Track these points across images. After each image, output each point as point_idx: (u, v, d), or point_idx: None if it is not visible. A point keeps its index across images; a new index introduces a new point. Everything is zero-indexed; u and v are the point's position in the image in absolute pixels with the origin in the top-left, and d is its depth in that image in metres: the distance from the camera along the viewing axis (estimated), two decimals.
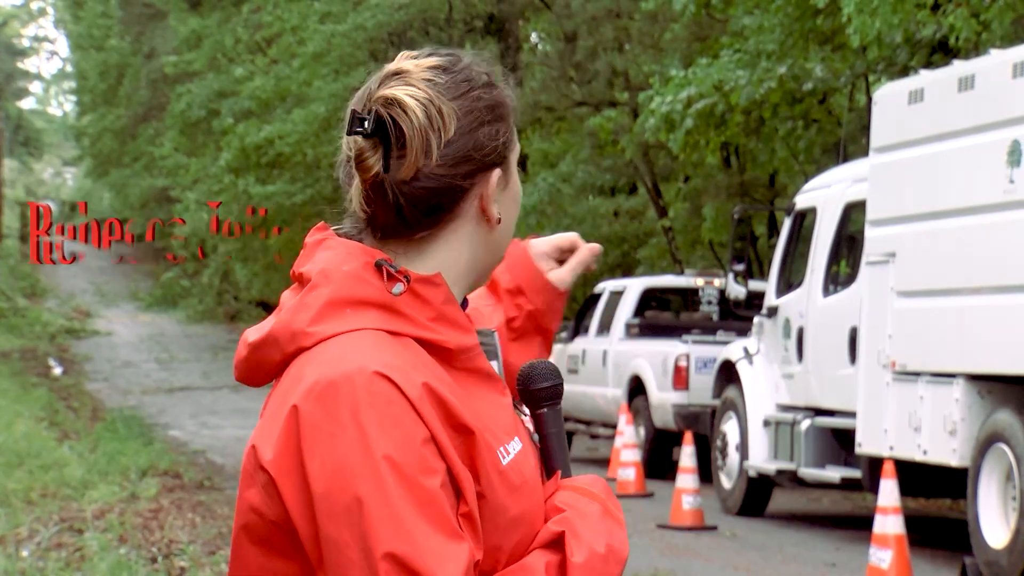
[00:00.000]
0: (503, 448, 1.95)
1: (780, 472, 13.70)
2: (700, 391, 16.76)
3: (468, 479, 1.89)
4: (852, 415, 12.61)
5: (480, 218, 2.00)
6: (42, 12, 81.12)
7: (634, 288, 19.15)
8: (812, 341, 13.59)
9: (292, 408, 1.87)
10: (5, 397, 21.61)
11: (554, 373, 2.06)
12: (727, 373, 14.94)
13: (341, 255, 1.96)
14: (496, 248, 2.04)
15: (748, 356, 14.47)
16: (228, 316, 43.98)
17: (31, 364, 30.18)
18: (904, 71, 16.50)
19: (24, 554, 10.00)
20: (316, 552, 1.86)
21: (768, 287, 14.67)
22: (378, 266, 1.94)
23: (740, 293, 15.01)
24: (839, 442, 13.31)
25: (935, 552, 12.34)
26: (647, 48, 25.86)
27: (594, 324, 19.30)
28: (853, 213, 13.37)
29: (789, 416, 13.74)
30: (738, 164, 24.12)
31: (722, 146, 20.80)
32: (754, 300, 15.25)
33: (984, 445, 10.93)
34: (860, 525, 13.66)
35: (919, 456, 11.59)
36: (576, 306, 26.06)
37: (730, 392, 14.71)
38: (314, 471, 1.85)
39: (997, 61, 11.10)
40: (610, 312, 19.06)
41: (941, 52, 16.91)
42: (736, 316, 16.76)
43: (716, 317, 18.67)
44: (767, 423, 14.05)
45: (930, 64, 15.90)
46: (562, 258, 2.33)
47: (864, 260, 12.58)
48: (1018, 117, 10.68)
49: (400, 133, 1.94)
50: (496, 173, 1.99)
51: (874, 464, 12.07)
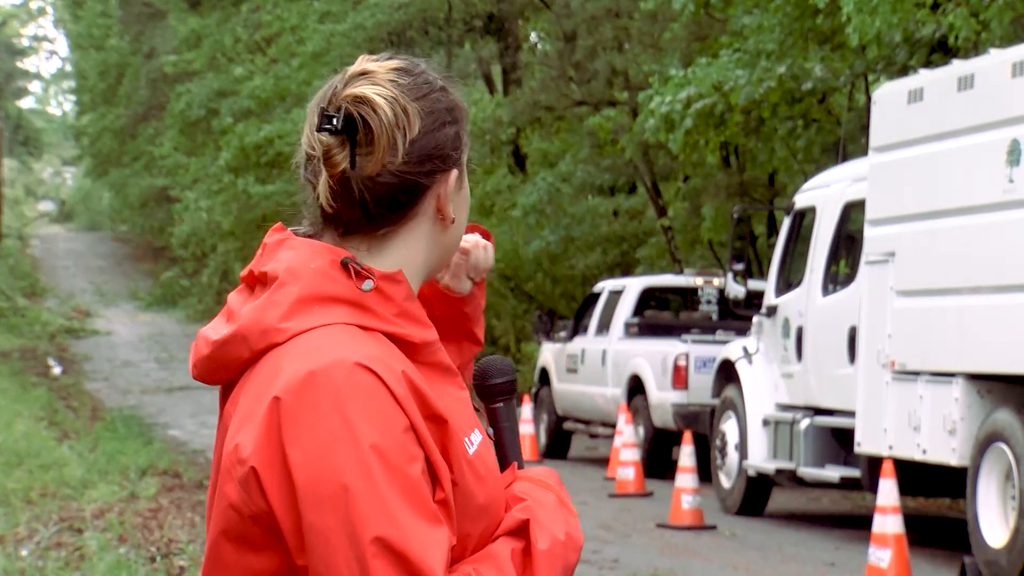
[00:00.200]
0: (468, 438, 2.00)
1: (779, 471, 13.71)
2: (699, 390, 16.75)
3: (444, 467, 1.93)
4: (851, 414, 12.61)
5: (436, 217, 2.06)
6: (41, 12, 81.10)
7: (633, 287, 19.13)
8: (811, 340, 13.59)
9: (273, 400, 1.89)
10: (5, 396, 21.59)
11: (509, 369, 2.13)
12: (726, 372, 14.94)
13: (306, 254, 1.99)
14: (447, 248, 2.09)
15: (747, 355, 14.47)
16: None
17: (31, 364, 30.16)
18: (903, 70, 16.48)
19: (23, 553, 9.99)
20: (297, 542, 1.88)
21: (767, 286, 14.68)
22: (344, 264, 1.98)
23: (739, 292, 15.02)
24: (838, 441, 13.31)
25: (934, 551, 12.34)
26: (646, 48, 25.83)
27: (593, 323, 19.27)
28: (852, 212, 13.36)
29: (788, 415, 13.74)
30: (737, 163, 24.09)
31: (721, 146, 20.76)
32: (753, 299, 15.25)
33: (983, 444, 10.93)
34: (859, 524, 13.65)
35: (918, 455, 11.59)
36: (575, 305, 26.07)
37: (729, 391, 14.70)
38: (296, 460, 1.86)
39: (996, 60, 11.10)
40: (609, 311, 19.05)
41: (940, 51, 16.90)
42: (735, 315, 16.76)
43: (715, 316, 18.66)
44: (766, 422, 14.06)
45: (929, 63, 15.89)
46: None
47: (863, 259, 12.56)
48: (1017, 116, 10.70)
49: (368, 130, 1.99)
50: (454, 173, 2.05)
51: (873, 463, 12.06)
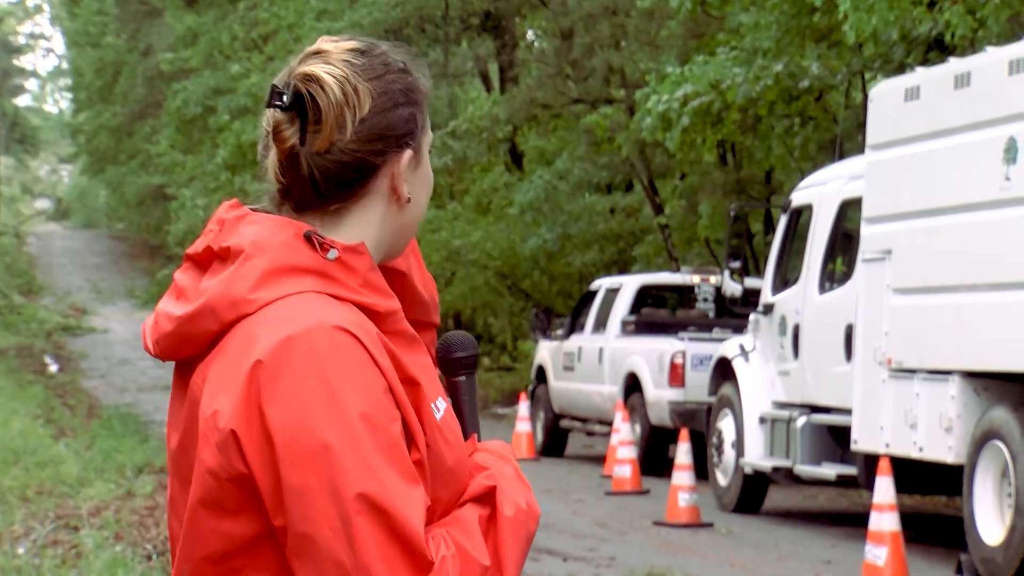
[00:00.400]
0: (435, 404, 2.02)
1: (776, 469, 13.71)
2: (696, 388, 16.76)
3: (419, 429, 1.96)
4: (848, 412, 12.60)
5: (391, 197, 2.07)
6: (38, 9, 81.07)
7: (630, 285, 19.13)
8: (808, 338, 13.59)
9: (254, 364, 1.91)
10: (1, 394, 21.57)
11: (472, 344, 2.15)
12: (723, 370, 14.93)
13: (270, 227, 2.01)
14: (404, 228, 2.10)
15: (744, 353, 14.47)
16: None
17: (27, 361, 30.14)
18: (900, 68, 16.45)
19: (20, 551, 9.98)
20: (276, 503, 1.90)
21: (764, 284, 14.68)
22: (307, 237, 1.99)
23: (736, 290, 15.01)
24: (835, 439, 13.31)
25: (931, 549, 12.33)
26: (643, 45, 25.81)
27: (590, 321, 19.27)
28: (849, 210, 13.35)
29: (785, 413, 13.75)
30: (734, 161, 24.09)
31: (718, 143, 20.74)
32: (750, 297, 15.25)
33: (980, 442, 10.92)
34: (856, 522, 13.64)
35: (915, 453, 11.57)
36: (572, 303, 26.05)
37: (726, 389, 14.70)
38: (276, 420, 1.88)
39: (993, 58, 11.09)
40: (606, 309, 19.04)
41: (937, 49, 16.89)
42: (732, 313, 16.77)
43: (712, 314, 18.68)
44: (763, 420, 14.06)
45: (926, 61, 15.91)
46: None
47: (860, 257, 12.55)
48: (1014, 114, 10.68)
49: (316, 107, 2.01)
50: (407, 154, 2.06)
51: (870, 461, 12.05)
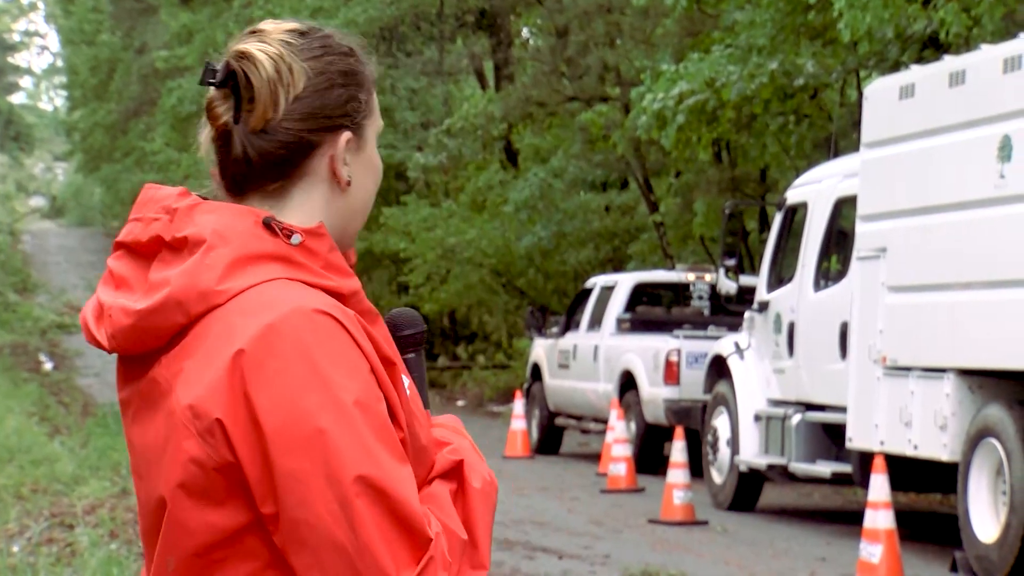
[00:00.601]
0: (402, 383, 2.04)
1: (771, 467, 13.71)
2: (691, 386, 16.73)
3: (399, 408, 1.96)
4: (843, 410, 12.60)
5: (331, 180, 2.04)
6: (33, 7, 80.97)
7: (625, 283, 19.10)
8: (803, 336, 13.58)
9: (236, 353, 1.89)
10: None
11: (419, 321, 2.15)
12: (718, 368, 14.92)
13: (228, 216, 1.98)
14: (350, 214, 2.07)
15: (739, 351, 14.46)
16: None
17: (22, 359, 30.11)
18: (895, 66, 16.43)
19: (15, 549, 9.97)
20: (264, 490, 1.88)
21: (759, 282, 14.67)
22: (266, 223, 1.97)
23: (731, 288, 15.00)
24: (830, 437, 13.31)
25: (925, 546, 12.32)
26: (638, 43, 25.79)
27: (585, 319, 19.24)
28: (844, 208, 13.35)
29: (780, 411, 13.74)
30: (729, 159, 24.06)
31: (713, 142, 20.74)
32: (745, 295, 15.18)
33: (974, 440, 10.92)
34: (851, 520, 13.62)
35: (910, 451, 11.58)
36: (567, 301, 26.04)
37: (721, 387, 14.69)
38: (265, 407, 1.87)
39: (988, 56, 11.09)
40: (601, 307, 19.02)
41: (932, 47, 16.84)
42: (727, 311, 16.73)
43: (707, 312, 18.66)
44: (758, 418, 14.05)
45: (921, 59, 15.86)
46: None
47: (855, 255, 12.56)
48: (1009, 112, 10.68)
49: (249, 85, 2.00)
50: (345, 135, 2.04)
51: (865, 459, 12.04)
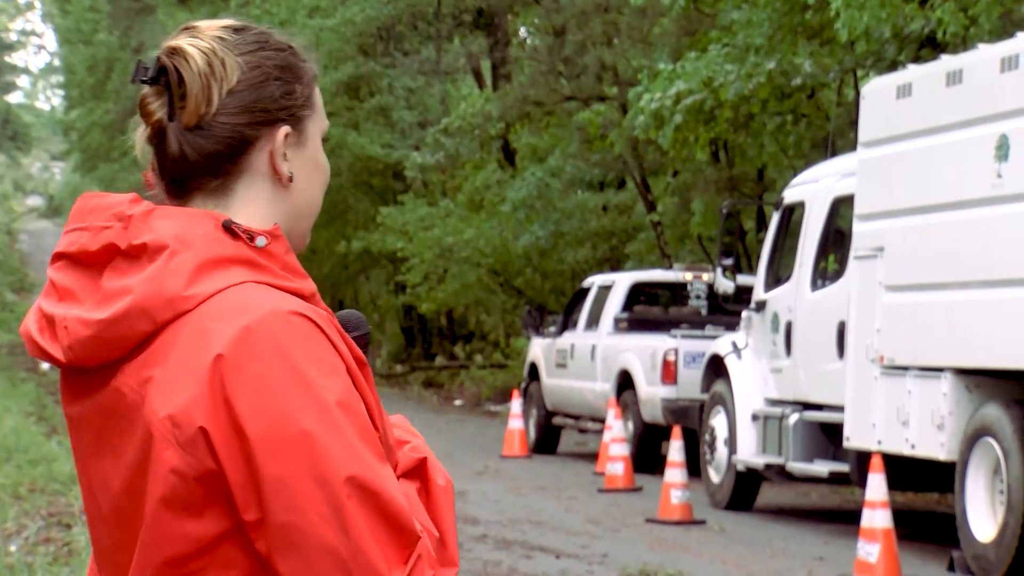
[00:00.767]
0: None
1: (768, 466, 13.69)
2: (689, 385, 16.69)
3: (373, 407, 1.95)
4: (840, 409, 12.59)
5: (273, 176, 2.01)
6: (30, 6, 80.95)
7: (623, 283, 19.07)
8: (800, 335, 13.56)
9: (216, 358, 1.87)
10: None
11: (364, 323, 2.12)
12: (716, 367, 14.89)
13: (187, 221, 1.95)
14: (296, 213, 2.04)
15: (736, 350, 14.44)
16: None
17: (19, 359, 30.09)
18: (892, 66, 16.41)
19: (12, 549, 9.96)
20: (248, 497, 1.86)
21: (756, 281, 14.64)
22: (226, 226, 1.95)
23: (728, 287, 14.95)
24: (827, 436, 13.29)
25: (923, 546, 12.31)
26: (636, 43, 25.76)
27: (582, 318, 19.21)
28: (841, 208, 13.33)
29: (777, 410, 13.72)
30: (727, 159, 24.03)
31: (711, 141, 20.73)
32: (742, 294, 15.24)
33: (972, 439, 10.91)
34: (848, 519, 13.60)
35: (907, 450, 11.57)
36: (564, 300, 26.02)
37: (718, 386, 14.66)
38: (247, 413, 1.85)
39: (985, 56, 11.08)
40: (598, 306, 18.98)
41: (929, 47, 16.82)
42: (725, 311, 16.70)
43: (705, 311, 18.64)
44: (755, 417, 14.03)
45: (918, 59, 15.79)
46: None
47: (852, 254, 12.54)
48: (1006, 111, 10.67)
49: (181, 80, 1.97)
50: (283, 129, 2.01)
51: (862, 458, 12.02)
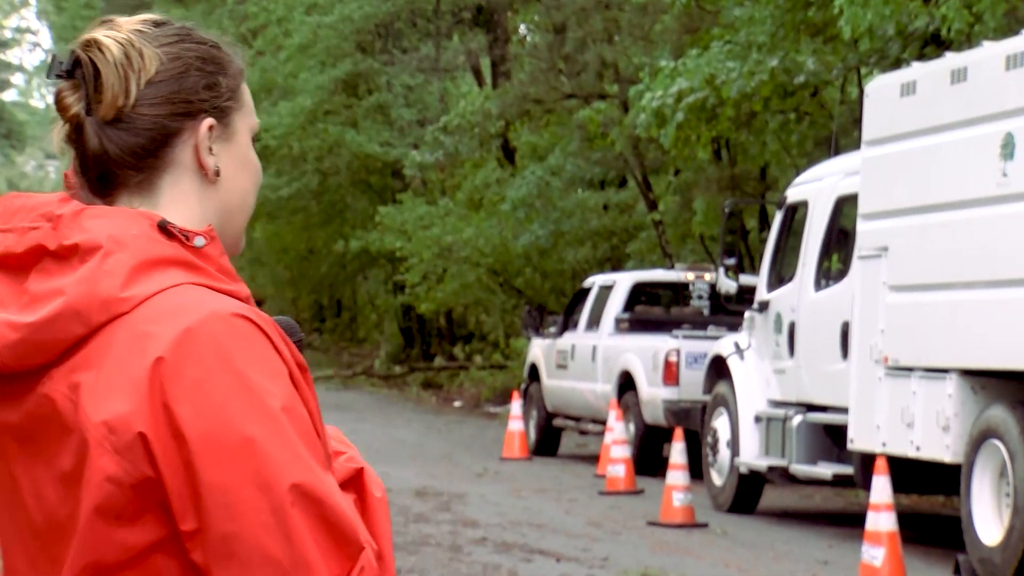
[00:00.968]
0: None
1: (771, 469, 13.67)
2: (691, 387, 16.63)
3: (315, 414, 1.92)
4: (844, 411, 12.55)
5: (199, 171, 1.99)
6: (24, 3, 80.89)
7: (624, 282, 19.03)
8: (804, 336, 13.53)
9: (155, 361, 1.83)
10: None
11: (297, 328, 2.09)
12: (718, 368, 14.85)
13: (120, 220, 1.92)
14: (227, 210, 2.02)
15: (739, 351, 14.41)
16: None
17: None
18: (896, 63, 16.37)
19: None
20: (187, 506, 1.82)
21: (759, 281, 14.63)
22: (162, 226, 1.92)
23: (731, 287, 14.95)
24: (831, 438, 13.26)
25: (928, 549, 12.29)
26: (637, 40, 25.70)
27: (583, 319, 19.16)
28: (845, 207, 13.30)
29: (780, 412, 13.69)
30: (729, 157, 23.98)
31: (713, 140, 20.68)
32: (745, 295, 15.16)
33: (977, 441, 10.88)
34: (852, 522, 13.57)
35: (912, 452, 11.54)
36: (565, 300, 25.93)
37: (721, 388, 14.63)
38: (188, 418, 1.81)
39: (990, 53, 11.07)
40: (599, 307, 18.94)
41: (933, 44, 16.81)
42: (727, 311, 16.66)
43: (707, 312, 18.61)
44: (758, 419, 14.00)
45: (922, 56, 15.74)
46: None
47: (856, 254, 12.52)
48: (1011, 110, 10.67)
49: (96, 72, 1.95)
50: (207, 121, 1.98)
51: (866, 460, 11.98)
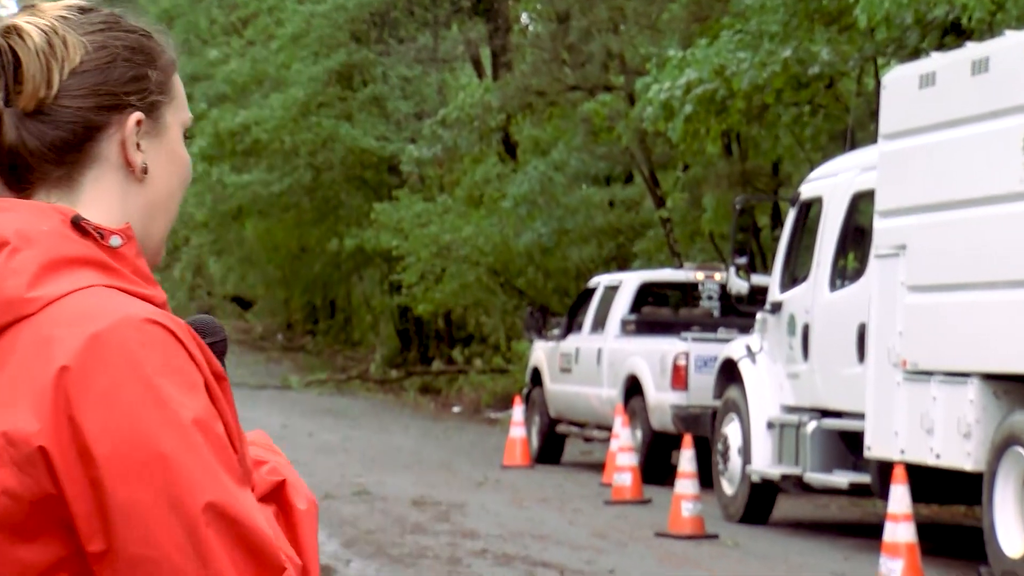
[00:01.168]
0: None
1: (785, 477, 13.72)
2: (700, 391, 16.66)
3: (232, 427, 1.89)
4: (861, 417, 12.55)
5: (125, 167, 1.94)
6: None
7: (630, 283, 19.08)
8: (818, 338, 13.50)
9: (59, 370, 1.79)
10: None
11: (221, 329, 2.06)
12: (729, 372, 14.86)
13: (30, 215, 1.88)
14: (151, 210, 1.97)
15: (751, 354, 14.43)
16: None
17: None
18: (915, 54, 16.65)
19: None
20: (94, 525, 1.78)
21: (772, 281, 14.65)
22: (75, 222, 1.88)
23: (742, 288, 15.01)
24: (847, 445, 13.29)
25: (949, 561, 12.27)
26: (644, 29, 25.75)
27: (588, 321, 19.26)
28: (861, 203, 13.32)
29: (794, 418, 13.68)
30: (740, 152, 24.17)
31: (723, 133, 20.70)
32: (757, 295, 15.26)
33: (1000, 448, 10.87)
34: (870, 533, 13.60)
35: (931, 460, 11.57)
36: (569, 301, 25.74)
37: (732, 392, 14.66)
38: (95, 433, 1.78)
39: (1012, 43, 11.09)
40: (605, 308, 19.01)
41: (954, 34, 17.08)
42: (738, 312, 16.72)
43: (717, 313, 18.77)
44: (771, 425, 14.04)
45: (942, 46, 16.04)
46: None
47: (873, 253, 12.50)
48: None
49: (16, 60, 1.91)
50: (135, 115, 1.94)
51: (884, 468, 12.00)
